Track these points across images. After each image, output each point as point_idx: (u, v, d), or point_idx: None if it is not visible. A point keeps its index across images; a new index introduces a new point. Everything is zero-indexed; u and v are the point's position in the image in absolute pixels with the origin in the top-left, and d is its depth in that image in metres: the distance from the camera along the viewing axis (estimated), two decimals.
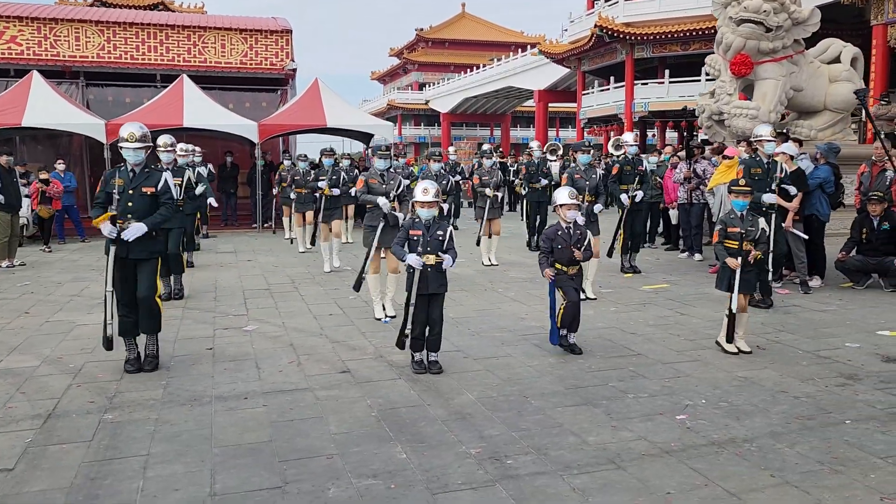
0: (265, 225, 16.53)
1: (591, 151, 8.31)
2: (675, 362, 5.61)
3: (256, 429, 4.28)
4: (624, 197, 9.23)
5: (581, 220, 6.09)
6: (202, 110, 15.97)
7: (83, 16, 18.22)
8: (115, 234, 5.24)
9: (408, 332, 5.31)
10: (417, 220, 5.31)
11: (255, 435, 4.18)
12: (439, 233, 5.28)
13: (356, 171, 12.19)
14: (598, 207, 8.22)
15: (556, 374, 5.31)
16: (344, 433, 4.20)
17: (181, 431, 4.23)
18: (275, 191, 14.84)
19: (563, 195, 5.86)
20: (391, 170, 7.35)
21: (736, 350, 5.83)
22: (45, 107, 14.89)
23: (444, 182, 9.26)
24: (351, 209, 14.30)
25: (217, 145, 17.68)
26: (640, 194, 9.17)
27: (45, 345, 6.27)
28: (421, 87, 63.22)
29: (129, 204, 5.33)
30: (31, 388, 5.07)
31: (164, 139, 8.25)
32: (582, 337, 6.05)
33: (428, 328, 5.32)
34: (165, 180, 5.48)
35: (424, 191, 5.26)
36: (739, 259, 5.78)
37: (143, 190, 5.38)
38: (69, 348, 6.14)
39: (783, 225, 8.07)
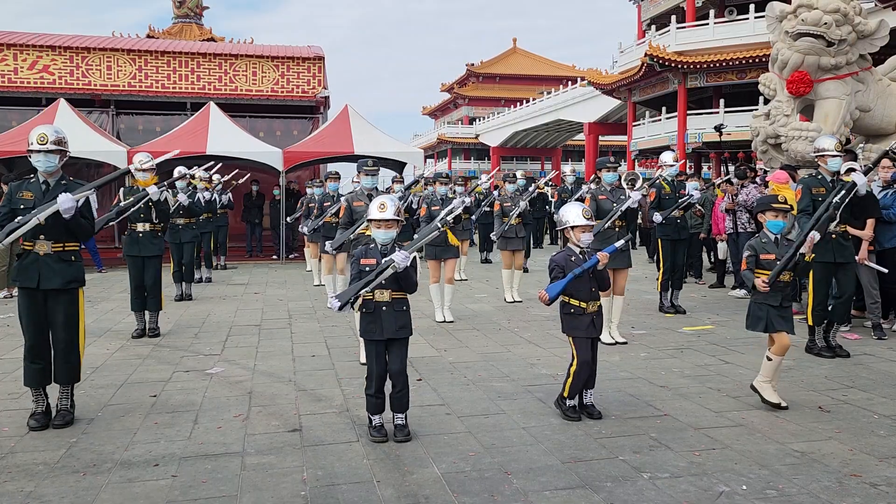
0: (289, 256, 15.88)
1: (619, 168, 7.21)
2: (712, 427, 4.43)
3: None
4: (657, 216, 8.10)
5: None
6: (226, 137, 15.43)
7: (115, 45, 18.03)
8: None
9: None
10: (372, 245, 4.28)
11: None
12: None
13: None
14: (620, 244, 7.04)
15: (554, 440, 4.20)
16: None
17: None
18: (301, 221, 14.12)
19: (575, 214, 4.69)
20: (383, 191, 6.42)
21: (779, 402, 4.76)
22: (71, 134, 14.52)
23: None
24: None
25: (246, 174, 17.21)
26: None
27: None
28: (471, 121, 62.72)
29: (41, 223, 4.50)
30: None
31: (139, 157, 7.50)
32: (598, 391, 4.93)
33: (390, 384, 4.28)
34: (87, 196, 4.63)
35: (381, 206, 4.20)
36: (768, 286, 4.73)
37: None
38: None
39: (856, 258, 6.84)
